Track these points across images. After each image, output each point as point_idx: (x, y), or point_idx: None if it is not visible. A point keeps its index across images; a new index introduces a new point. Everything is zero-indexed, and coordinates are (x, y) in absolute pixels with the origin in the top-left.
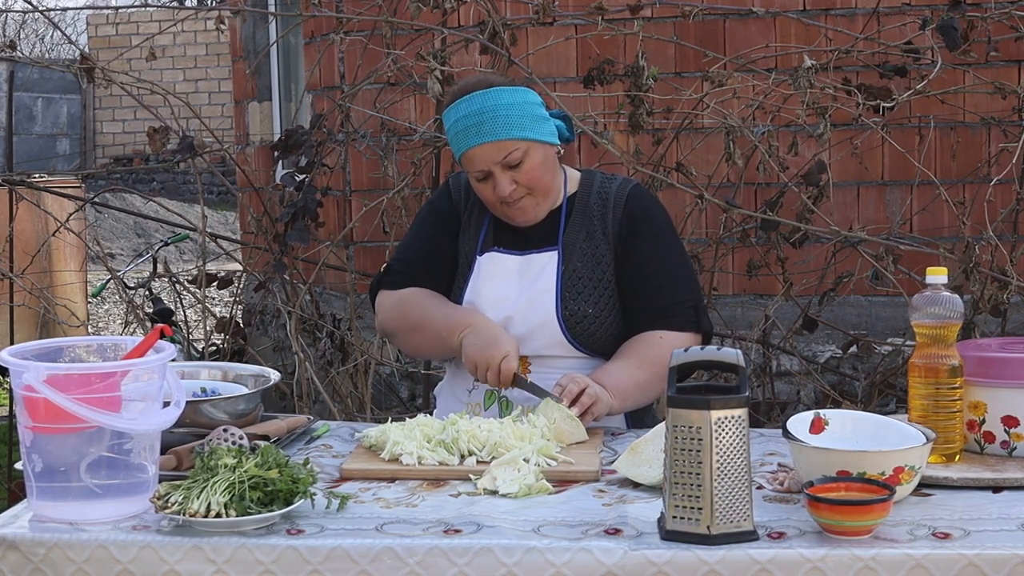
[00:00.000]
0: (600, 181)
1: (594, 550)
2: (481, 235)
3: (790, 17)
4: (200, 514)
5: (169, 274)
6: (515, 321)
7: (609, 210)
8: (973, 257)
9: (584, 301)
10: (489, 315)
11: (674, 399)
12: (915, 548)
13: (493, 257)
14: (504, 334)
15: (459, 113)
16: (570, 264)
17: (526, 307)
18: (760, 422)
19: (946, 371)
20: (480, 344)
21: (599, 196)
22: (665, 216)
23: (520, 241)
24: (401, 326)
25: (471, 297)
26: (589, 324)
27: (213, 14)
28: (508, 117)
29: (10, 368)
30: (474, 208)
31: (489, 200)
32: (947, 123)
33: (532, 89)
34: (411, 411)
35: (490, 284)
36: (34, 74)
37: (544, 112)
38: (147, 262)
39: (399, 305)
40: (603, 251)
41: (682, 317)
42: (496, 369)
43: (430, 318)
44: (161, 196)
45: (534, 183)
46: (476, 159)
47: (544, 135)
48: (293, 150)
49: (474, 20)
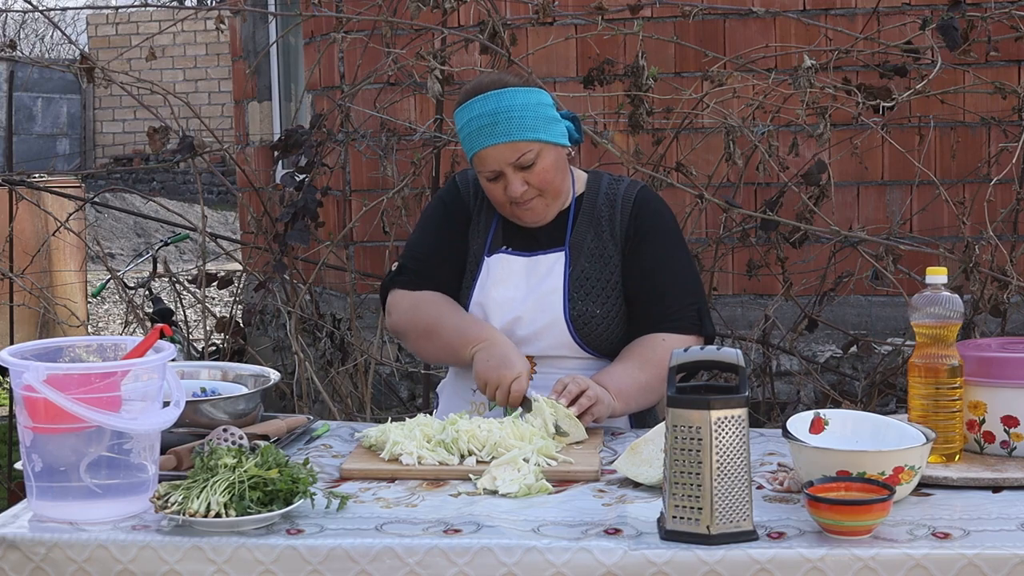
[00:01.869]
0: (608, 182)
1: (594, 550)
2: (490, 235)
3: (790, 17)
4: (200, 514)
5: (169, 274)
6: (523, 321)
7: (617, 211)
8: (973, 257)
9: (592, 302)
10: (497, 316)
11: (674, 399)
12: (915, 548)
13: (501, 259)
14: (516, 354)
15: (473, 112)
16: (577, 265)
17: (534, 308)
18: (760, 422)
19: (946, 371)
20: (493, 363)
21: (607, 197)
22: (672, 219)
23: (528, 242)
24: (413, 330)
25: (480, 298)
26: (596, 325)
27: (213, 14)
28: (523, 119)
29: (10, 368)
30: (483, 206)
31: (499, 200)
32: (947, 123)
33: (544, 90)
34: (411, 411)
35: (498, 285)
36: (34, 74)
37: (556, 113)
38: (147, 262)
39: (413, 308)
40: (611, 252)
41: (685, 320)
42: (506, 389)
43: (443, 326)
44: (161, 196)
45: (546, 184)
46: (489, 159)
47: (556, 136)
48: (293, 150)
49: (474, 20)
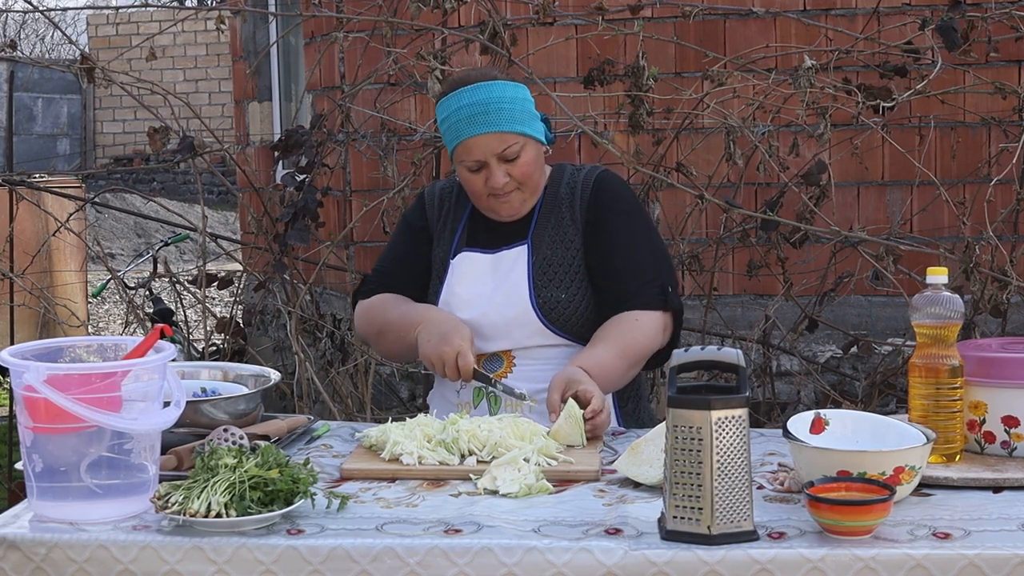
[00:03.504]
0: (570, 172)
1: (594, 550)
2: (455, 240)
3: (790, 17)
4: (200, 514)
5: (169, 274)
6: (492, 316)
7: (577, 196)
8: (973, 257)
9: (556, 287)
10: (465, 312)
11: (674, 399)
12: (915, 548)
13: (465, 257)
14: (456, 327)
15: (460, 102)
16: (539, 254)
17: (501, 301)
18: (760, 422)
19: (946, 371)
20: (433, 341)
21: (568, 185)
22: (633, 199)
23: (492, 239)
24: (369, 331)
25: (446, 297)
26: (564, 309)
27: (213, 14)
28: (511, 111)
29: (10, 368)
30: (448, 216)
31: (478, 191)
32: (947, 123)
33: (529, 89)
34: (411, 411)
35: (463, 283)
36: (34, 74)
37: (536, 111)
38: (147, 262)
39: (367, 312)
40: (571, 236)
41: (648, 297)
42: (453, 365)
43: (391, 320)
44: (161, 196)
45: (526, 178)
46: (475, 148)
47: (538, 133)
48: (293, 150)
49: (474, 20)
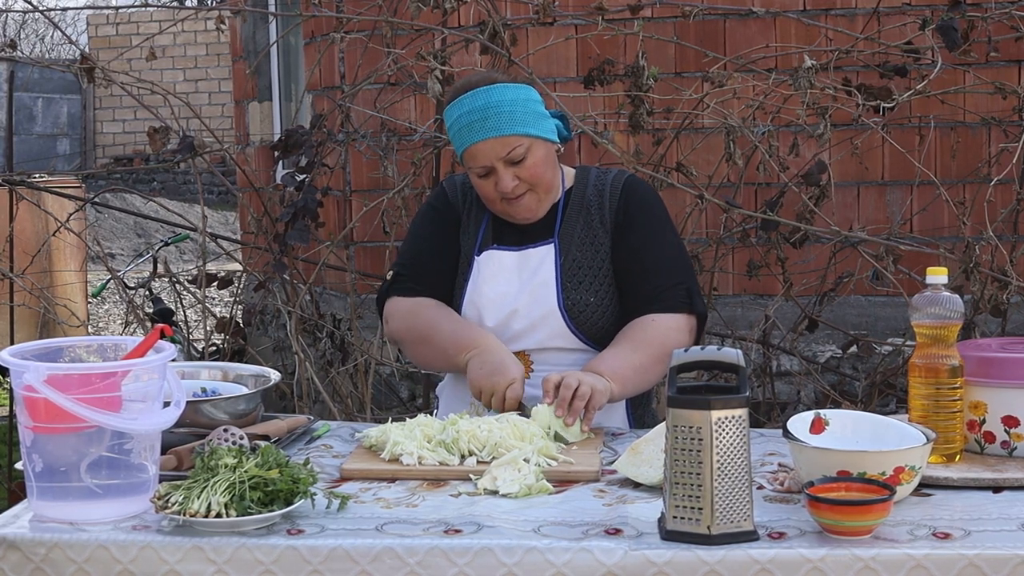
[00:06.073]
0: (596, 175)
1: (594, 550)
2: (480, 235)
3: (790, 17)
4: (200, 514)
5: (169, 274)
6: (518, 315)
7: (606, 199)
8: (973, 257)
9: (585, 290)
10: (492, 312)
11: (674, 399)
12: (915, 548)
13: (491, 255)
14: (511, 361)
15: (462, 109)
16: (568, 255)
17: (528, 301)
18: (760, 422)
19: (946, 371)
20: (487, 370)
21: (596, 188)
22: (660, 205)
23: (517, 237)
24: (409, 337)
25: (473, 296)
26: (591, 313)
27: (213, 14)
28: (512, 113)
29: (10, 368)
30: (472, 208)
31: (490, 197)
32: (947, 123)
33: (533, 87)
34: (411, 411)
35: (490, 282)
36: (34, 74)
37: (544, 110)
38: (147, 262)
39: (410, 315)
40: (601, 239)
41: (673, 299)
42: (501, 396)
43: (438, 332)
44: (161, 196)
45: (536, 179)
46: (480, 155)
47: (546, 132)
48: (293, 150)
49: (474, 20)
